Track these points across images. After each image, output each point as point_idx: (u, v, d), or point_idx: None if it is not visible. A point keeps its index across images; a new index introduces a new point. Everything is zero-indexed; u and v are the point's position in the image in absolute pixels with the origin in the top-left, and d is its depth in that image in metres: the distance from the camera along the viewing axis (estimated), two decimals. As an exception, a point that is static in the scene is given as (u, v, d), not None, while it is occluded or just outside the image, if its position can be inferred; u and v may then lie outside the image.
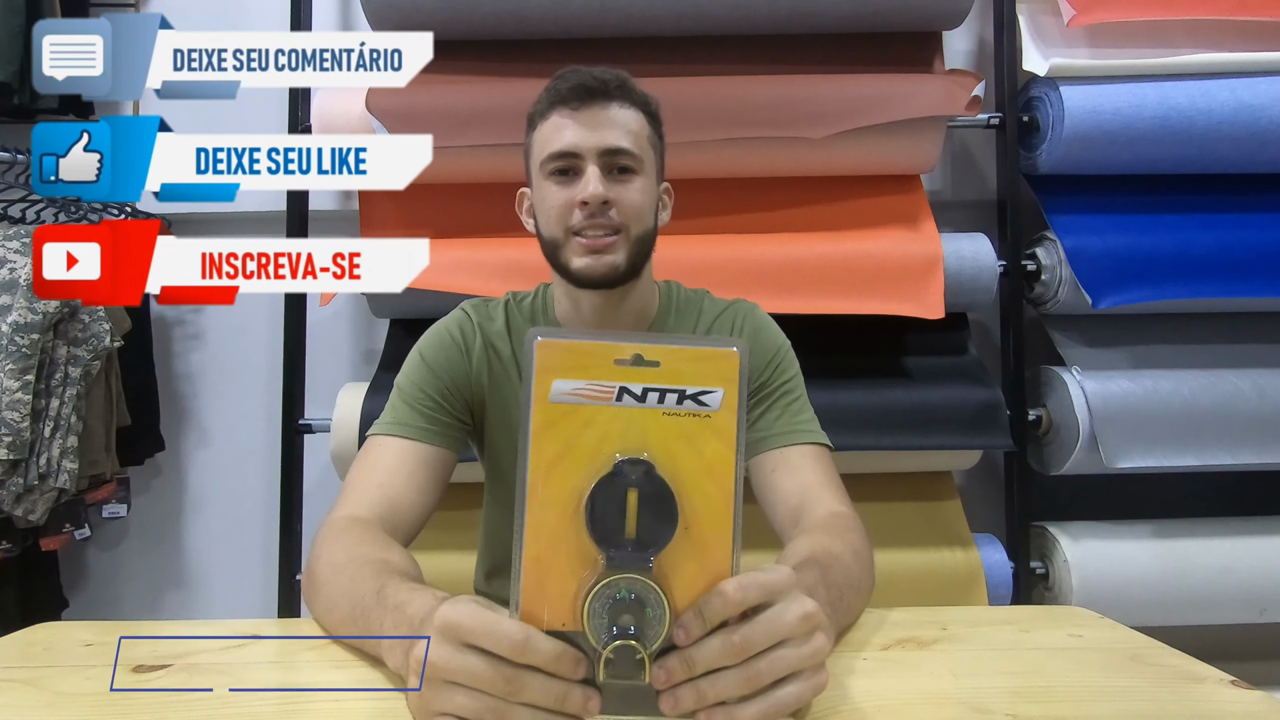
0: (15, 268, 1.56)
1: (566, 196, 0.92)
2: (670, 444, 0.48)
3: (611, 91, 0.93)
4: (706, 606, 0.48)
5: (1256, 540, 1.74)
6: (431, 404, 0.95)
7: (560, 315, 1.03)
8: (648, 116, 0.97)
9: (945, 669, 0.69)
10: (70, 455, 1.59)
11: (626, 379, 0.48)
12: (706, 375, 0.48)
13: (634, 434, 0.48)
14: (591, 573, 0.47)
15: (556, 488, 0.48)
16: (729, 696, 0.48)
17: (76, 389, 1.61)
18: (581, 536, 0.47)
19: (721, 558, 0.48)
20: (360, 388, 1.67)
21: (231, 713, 0.60)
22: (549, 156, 0.93)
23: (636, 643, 0.47)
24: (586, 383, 0.48)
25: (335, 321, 1.96)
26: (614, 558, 0.47)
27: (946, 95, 1.65)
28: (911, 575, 1.67)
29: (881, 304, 1.62)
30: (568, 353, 0.48)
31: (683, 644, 0.48)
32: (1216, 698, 0.63)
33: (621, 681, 0.47)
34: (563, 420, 0.48)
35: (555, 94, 0.94)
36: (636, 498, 0.47)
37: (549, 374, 0.48)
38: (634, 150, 0.93)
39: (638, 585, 0.47)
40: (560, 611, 0.48)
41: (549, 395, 0.48)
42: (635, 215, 0.93)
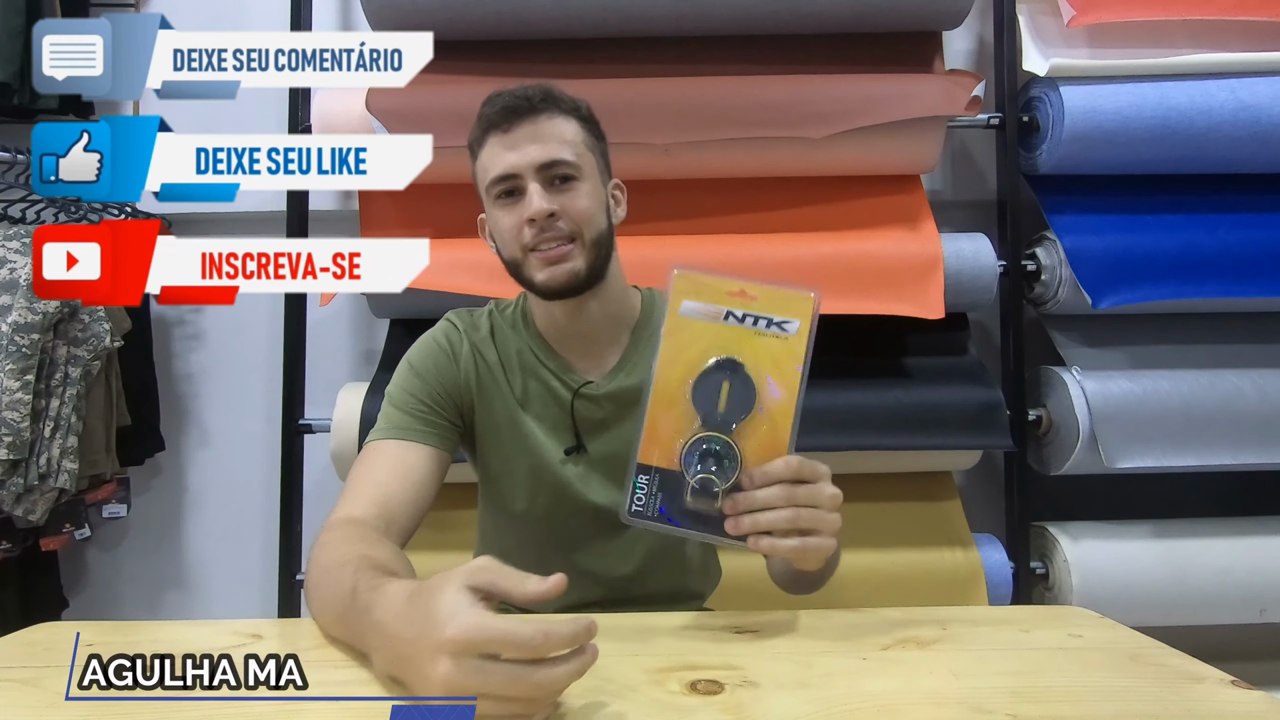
0: (15, 268, 1.56)
1: (515, 218, 0.96)
2: (757, 353, 0.71)
3: (537, 106, 0.96)
4: (771, 466, 0.70)
5: (1256, 540, 1.74)
6: (423, 407, 0.99)
7: (539, 323, 1.06)
8: (580, 121, 0.99)
9: (945, 669, 0.69)
10: (70, 455, 1.59)
11: (733, 305, 0.71)
12: (789, 309, 0.72)
13: (732, 343, 0.71)
14: (691, 431, 0.70)
15: (677, 371, 0.71)
16: (774, 528, 0.70)
17: (76, 389, 1.61)
18: (688, 406, 0.70)
19: (783, 437, 0.71)
20: (360, 388, 1.67)
21: (231, 713, 0.60)
22: (491, 182, 0.98)
23: (715, 479, 0.69)
24: (705, 305, 0.71)
25: (335, 321, 1.96)
26: (707, 422, 0.70)
27: (946, 95, 1.65)
28: (911, 575, 1.67)
29: (881, 304, 1.62)
30: (695, 282, 0.71)
31: (748, 488, 0.70)
32: (1216, 698, 0.63)
33: (700, 507, 0.70)
34: (686, 328, 0.71)
35: (486, 120, 0.98)
36: (728, 385, 0.70)
37: (680, 295, 0.71)
38: (570, 159, 0.96)
39: (721, 442, 0.70)
40: (666, 454, 0.71)
41: (679, 310, 0.71)
42: (584, 220, 0.96)
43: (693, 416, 0.70)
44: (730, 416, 0.70)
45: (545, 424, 1.03)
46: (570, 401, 1.02)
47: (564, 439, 1.02)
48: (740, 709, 0.61)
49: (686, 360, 0.71)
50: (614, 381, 1.02)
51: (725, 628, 0.81)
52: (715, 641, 0.77)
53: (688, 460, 0.70)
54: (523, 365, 1.04)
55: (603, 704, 0.62)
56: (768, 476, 0.70)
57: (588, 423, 1.02)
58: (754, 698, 0.63)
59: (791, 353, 0.71)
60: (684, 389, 0.70)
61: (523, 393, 1.03)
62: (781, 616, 0.86)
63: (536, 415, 1.03)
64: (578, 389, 1.02)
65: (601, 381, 1.02)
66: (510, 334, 1.06)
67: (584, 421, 1.02)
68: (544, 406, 1.03)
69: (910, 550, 1.69)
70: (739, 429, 0.70)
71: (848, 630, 0.80)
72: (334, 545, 0.81)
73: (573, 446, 1.02)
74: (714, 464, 0.70)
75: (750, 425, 0.70)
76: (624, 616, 0.90)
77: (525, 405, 1.03)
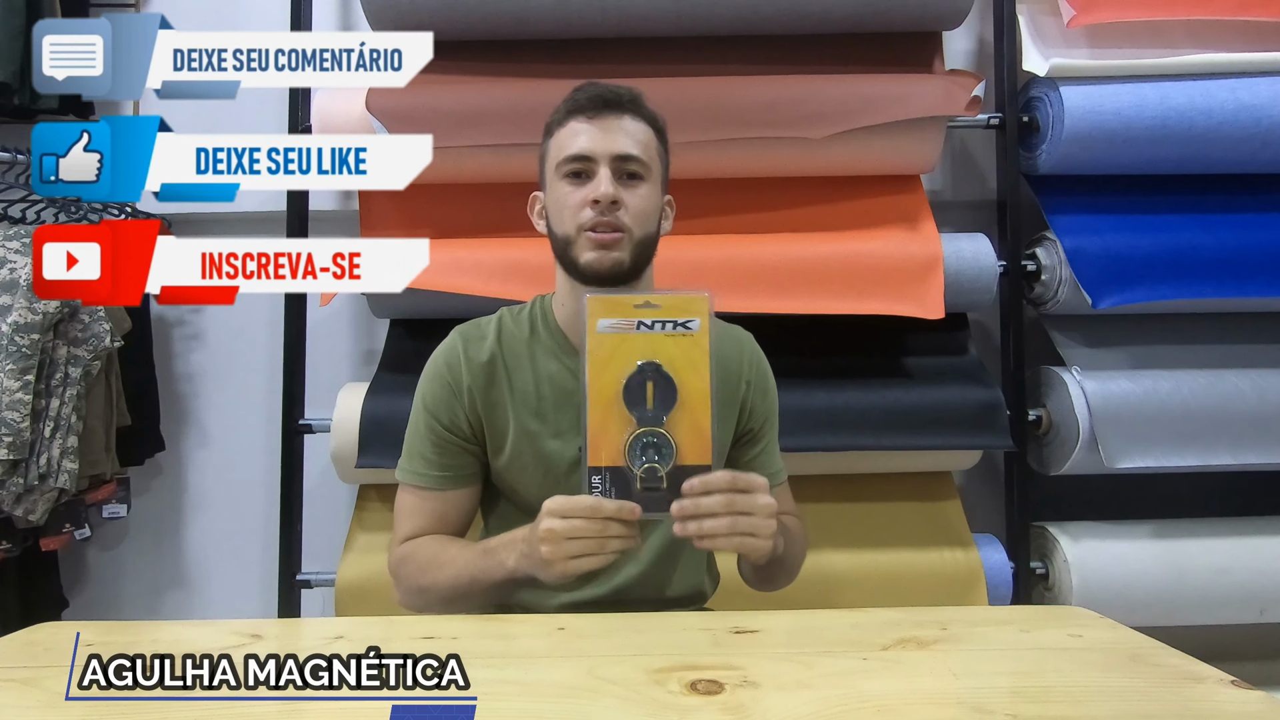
0: (15, 268, 1.56)
1: (580, 196, 0.99)
2: (670, 353, 0.82)
3: (625, 105, 1.02)
4: (711, 477, 0.82)
5: (1256, 540, 1.73)
6: (443, 448, 1.06)
7: (562, 319, 1.08)
8: (656, 132, 1.06)
9: (945, 669, 0.69)
10: (70, 455, 1.59)
11: (641, 316, 0.82)
12: (689, 310, 0.82)
13: (648, 348, 0.82)
14: (629, 429, 0.81)
15: (605, 382, 0.82)
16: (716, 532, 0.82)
17: (76, 389, 1.61)
18: (621, 409, 0.81)
19: (704, 421, 0.82)
20: (360, 388, 1.67)
21: (231, 713, 0.60)
22: (565, 159, 1.01)
23: (658, 465, 0.82)
24: (618, 319, 0.82)
25: (335, 321, 1.96)
26: (641, 419, 0.81)
27: (946, 95, 1.65)
28: (911, 575, 1.67)
29: (881, 304, 1.62)
30: (605, 302, 0.83)
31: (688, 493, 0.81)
32: (1216, 698, 0.63)
33: (648, 491, 0.82)
34: (606, 342, 0.82)
35: (573, 103, 1.02)
36: (652, 385, 0.81)
37: (595, 316, 0.82)
38: (643, 158, 1.01)
39: (657, 434, 0.82)
40: (612, 453, 0.82)
41: (597, 329, 0.82)
42: (640, 218, 1.01)
43: (627, 417, 0.81)
44: (659, 411, 0.81)
45: (560, 419, 1.05)
46: None
47: (578, 436, 1.03)
48: (740, 709, 0.61)
49: (612, 369, 0.82)
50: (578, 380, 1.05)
51: (725, 628, 0.81)
52: (715, 641, 0.77)
53: (631, 455, 0.81)
54: (536, 364, 1.06)
55: (603, 704, 0.62)
56: (708, 485, 0.82)
57: None
58: (754, 698, 0.63)
59: (698, 346, 0.82)
60: (615, 394, 0.81)
61: (535, 391, 1.05)
62: (781, 616, 0.86)
63: (551, 412, 1.05)
64: None
65: None
66: (523, 335, 1.08)
67: None
68: (560, 404, 1.05)
69: (910, 550, 1.69)
70: (668, 420, 0.81)
71: (848, 630, 0.80)
72: (423, 545, 1.03)
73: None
74: (655, 454, 0.81)
75: (676, 415, 0.82)
76: (624, 617, 0.90)
77: (539, 402, 1.05)
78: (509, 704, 0.63)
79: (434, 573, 1.00)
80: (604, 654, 0.64)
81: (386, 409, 1.60)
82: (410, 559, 1.03)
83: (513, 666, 0.70)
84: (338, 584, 1.65)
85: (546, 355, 1.07)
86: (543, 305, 1.11)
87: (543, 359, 1.07)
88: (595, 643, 0.78)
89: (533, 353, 1.07)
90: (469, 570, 0.97)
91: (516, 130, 1.61)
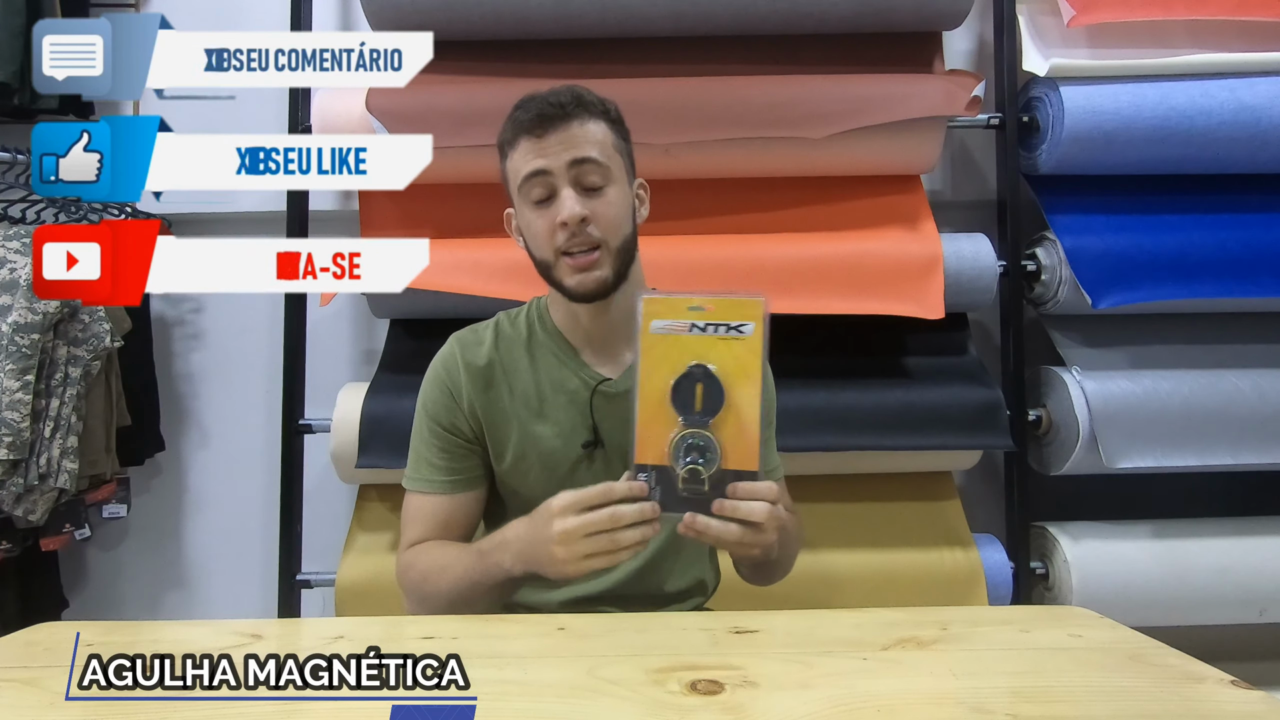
0: (15, 268, 1.56)
1: (548, 221, 0.99)
2: (721, 356, 0.82)
3: (570, 112, 0.99)
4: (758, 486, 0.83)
5: (1256, 540, 1.73)
6: (447, 454, 1.06)
7: (559, 322, 1.09)
8: (609, 123, 1.03)
9: (945, 669, 0.69)
10: (70, 455, 1.59)
11: (694, 318, 0.82)
12: (743, 314, 0.82)
13: (699, 350, 0.82)
14: (676, 430, 0.82)
15: (656, 382, 0.82)
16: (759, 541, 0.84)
17: (76, 389, 1.61)
18: (670, 409, 0.82)
19: (750, 424, 0.82)
20: (360, 388, 1.67)
21: (231, 713, 0.60)
22: (523, 182, 1.00)
23: (701, 468, 0.82)
24: (672, 321, 0.82)
25: (335, 321, 1.96)
26: (688, 421, 0.82)
27: (946, 95, 1.65)
28: (911, 575, 1.67)
29: (881, 304, 1.62)
30: (660, 303, 0.83)
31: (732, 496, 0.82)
32: (1216, 698, 0.63)
33: (690, 494, 0.82)
34: (659, 343, 0.82)
35: (519, 124, 1.01)
36: (701, 387, 0.81)
37: (649, 317, 0.82)
38: (600, 159, 0.99)
39: (702, 436, 0.82)
40: (658, 453, 0.83)
41: (650, 329, 0.82)
42: (612, 228, 1.00)
43: (675, 418, 0.82)
44: (706, 413, 0.82)
45: (561, 419, 1.05)
46: (589, 398, 1.04)
47: (580, 434, 1.05)
48: (740, 709, 0.61)
49: (664, 370, 0.82)
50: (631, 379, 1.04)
51: (725, 628, 0.81)
52: (715, 641, 0.77)
53: (676, 454, 0.82)
54: (535, 365, 1.07)
55: (603, 704, 0.62)
56: (752, 491, 0.83)
57: (605, 418, 1.05)
58: (754, 698, 0.63)
59: (751, 350, 0.82)
60: (665, 394, 0.82)
61: (535, 391, 1.06)
62: (781, 616, 0.86)
63: (552, 411, 1.05)
64: (596, 385, 1.05)
65: (620, 379, 1.06)
66: (521, 338, 1.09)
67: (601, 417, 1.05)
68: (561, 402, 1.05)
69: (910, 550, 1.69)
70: (714, 423, 0.82)
71: (848, 630, 0.80)
72: (426, 551, 1.03)
73: (590, 441, 1.04)
74: (699, 456, 0.82)
75: (723, 418, 0.82)
76: (624, 617, 0.90)
77: (540, 403, 1.06)
78: (509, 704, 0.63)
79: (436, 579, 1.00)
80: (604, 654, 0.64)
81: (386, 409, 1.60)
82: (413, 567, 1.03)
83: (513, 666, 0.70)
84: (338, 584, 1.65)
85: (545, 356, 1.07)
86: (539, 307, 1.11)
87: (542, 360, 1.07)
88: (595, 643, 0.78)
89: (531, 354, 1.08)
90: (468, 575, 0.97)
91: (516, 130, 1.60)
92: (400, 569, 1.05)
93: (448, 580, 0.98)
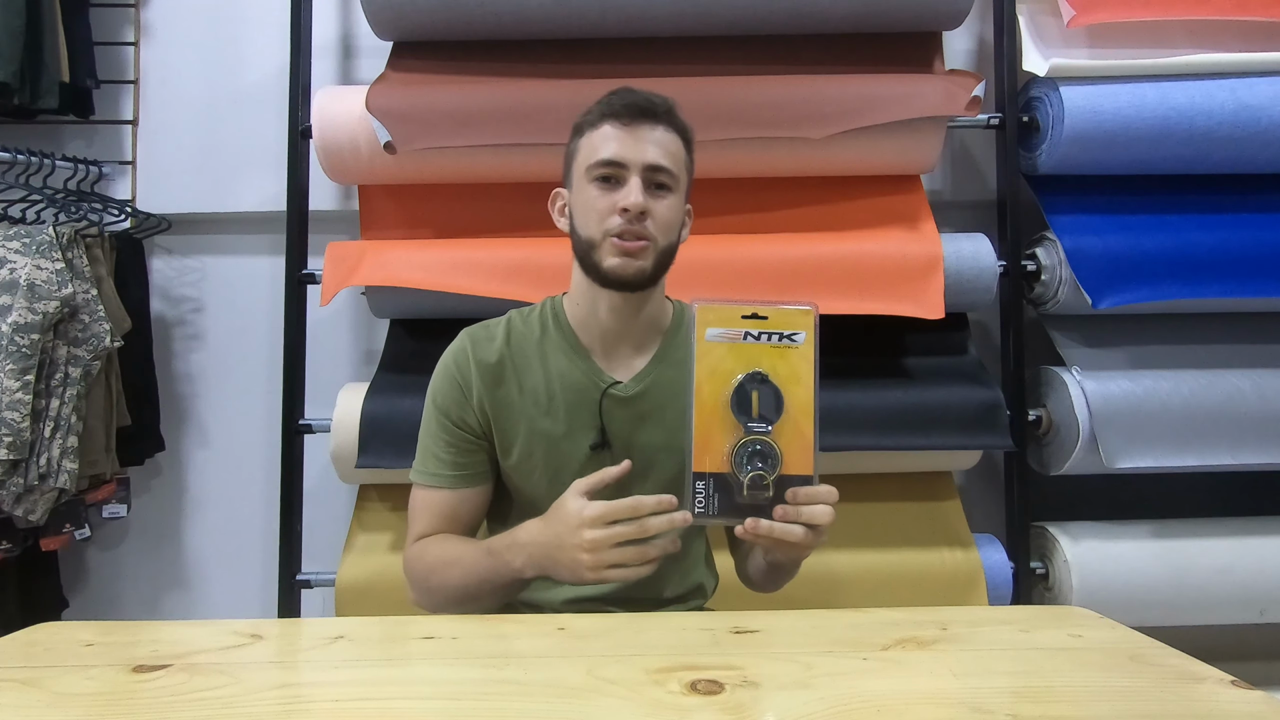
0: (15, 268, 1.56)
1: (609, 202, 1.00)
2: (775, 364, 0.85)
3: (660, 115, 1.02)
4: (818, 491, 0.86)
5: (1256, 540, 1.73)
6: (455, 448, 1.07)
7: (576, 319, 1.09)
8: (685, 144, 1.07)
9: (945, 669, 0.69)
10: (70, 455, 1.59)
11: (748, 326, 0.84)
12: (795, 323, 0.85)
13: (754, 358, 0.84)
14: (735, 437, 0.83)
15: (711, 390, 0.83)
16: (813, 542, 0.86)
17: (76, 389, 1.62)
18: (728, 416, 0.83)
19: (808, 430, 0.85)
20: (360, 388, 1.67)
21: (231, 713, 0.60)
22: (596, 163, 1.01)
23: (765, 473, 0.83)
24: (726, 329, 0.84)
25: (335, 321, 1.96)
26: (748, 427, 0.83)
27: (946, 95, 1.65)
28: (911, 575, 1.67)
29: (881, 304, 1.62)
30: (714, 312, 0.84)
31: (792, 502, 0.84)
32: (1216, 698, 0.63)
33: (752, 500, 0.83)
34: (713, 351, 0.84)
35: (609, 107, 1.02)
36: (758, 394, 0.83)
37: (704, 325, 0.84)
38: (673, 169, 1.02)
39: (763, 442, 0.83)
40: (716, 460, 0.83)
41: (705, 337, 0.84)
42: (665, 229, 1.02)
43: (733, 425, 0.83)
44: (765, 420, 0.83)
45: (570, 419, 1.06)
46: (599, 400, 1.05)
47: (588, 434, 1.05)
48: (740, 709, 0.61)
49: (719, 378, 0.84)
50: (641, 384, 1.06)
51: (725, 628, 0.81)
52: (715, 641, 0.77)
53: (738, 462, 0.83)
54: (546, 364, 1.08)
55: (603, 704, 0.62)
56: (813, 496, 0.85)
57: (614, 421, 1.05)
58: (754, 698, 0.63)
59: (804, 358, 0.85)
60: (722, 402, 0.83)
61: (545, 389, 1.06)
62: (781, 616, 0.86)
63: (561, 410, 1.06)
64: (606, 388, 1.05)
65: (629, 383, 1.06)
66: (534, 336, 1.09)
67: (610, 419, 1.05)
68: (570, 401, 1.06)
69: (910, 550, 1.69)
70: (773, 429, 0.83)
71: (848, 630, 0.80)
72: (434, 544, 1.04)
73: (598, 442, 1.05)
74: (760, 462, 0.83)
75: (781, 425, 0.83)
76: (624, 617, 0.90)
77: (550, 401, 1.06)
78: (509, 704, 0.63)
79: (443, 573, 1.01)
80: (604, 654, 0.64)
81: (386, 409, 1.60)
82: (421, 558, 1.04)
83: (513, 666, 0.70)
84: (338, 584, 1.65)
85: (557, 354, 1.08)
86: (554, 305, 1.12)
87: (553, 358, 1.08)
88: (595, 643, 0.78)
89: (543, 352, 1.08)
90: (476, 571, 0.98)
91: (516, 130, 1.61)
92: (408, 560, 1.06)
93: (455, 575, 1.00)
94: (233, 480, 1.96)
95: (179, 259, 1.98)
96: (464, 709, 0.62)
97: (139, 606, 1.95)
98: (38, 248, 1.59)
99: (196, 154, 1.93)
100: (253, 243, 1.96)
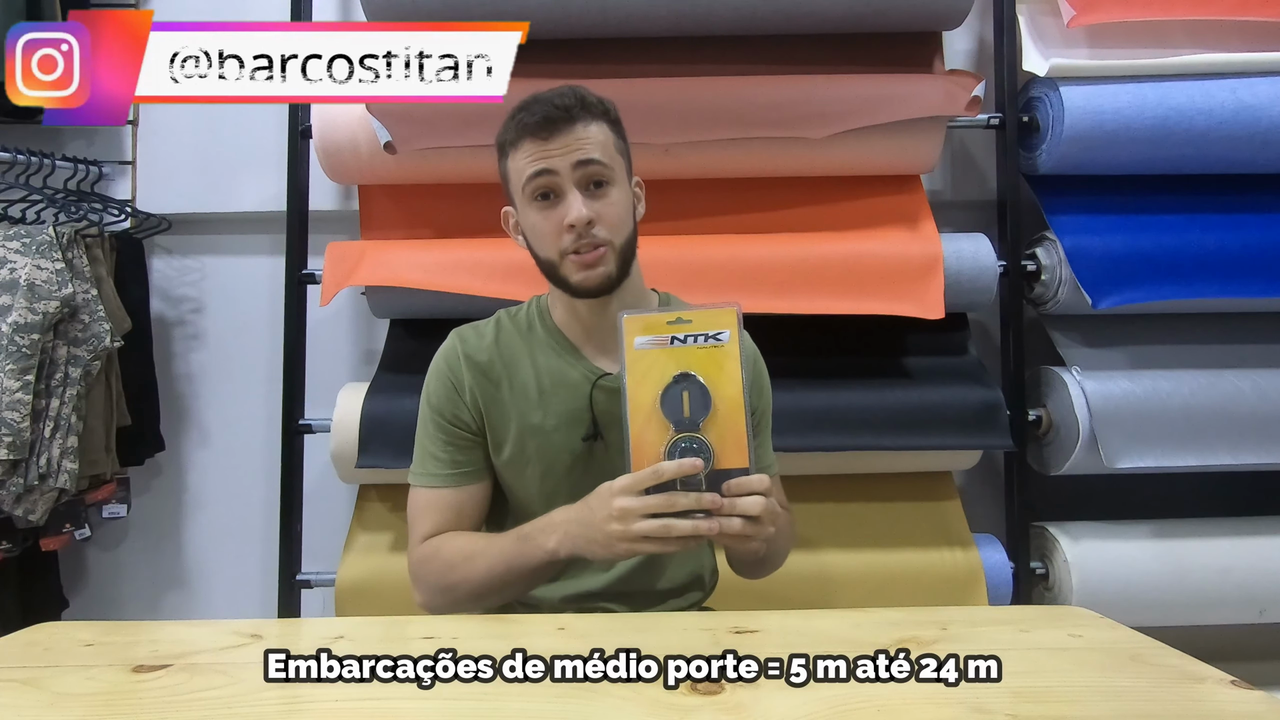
0: (15, 268, 1.56)
1: (554, 222, 1.00)
2: (703, 364, 0.86)
3: (574, 114, 1.00)
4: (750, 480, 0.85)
5: (1256, 540, 1.73)
6: (453, 447, 1.07)
7: (558, 320, 1.10)
8: (610, 124, 1.05)
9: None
10: (70, 455, 1.59)
11: (674, 331, 0.87)
12: (718, 323, 0.87)
13: (683, 360, 0.87)
14: (668, 436, 0.86)
15: (644, 394, 0.87)
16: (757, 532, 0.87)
17: (76, 389, 1.61)
18: (660, 417, 0.86)
19: (739, 425, 0.86)
20: (360, 388, 1.67)
21: (231, 713, 0.60)
22: (528, 180, 1.01)
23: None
24: (653, 336, 0.87)
25: (335, 321, 1.96)
26: (679, 426, 0.86)
27: (946, 95, 1.65)
28: (911, 575, 1.67)
29: (881, 304, 1.62)
30: (640, 321, 0.88)
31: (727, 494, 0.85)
32: (1216, 698, 0.63)
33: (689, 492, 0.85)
34: (644, 357, 0.87)
35: (523, 125, 1.01)
36: (687, 394, 0.86)
37: (632, 334, 0.87)
38: (603, 159, 1.01)
39: (694, 439, 0.85)
40: (653, 459, 0.86)
41: (634, 345, 0.87)
42: (616, 227, 1.02)
43: (666, 425, 0.86)
44: (695, 417, 0.86)
45: (561, 412, 1.06)
46: (589, 392, 1.06)
47: (580, 427, 1.06)
48: (740, 709, 0.61)
49: (650, 382, 0.86)
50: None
51: (725, 628, 0.81)
52: (715, 641, 0.77)
53: (671, 459, 0.85)
54: (535, 360, 1.08)
55: (603, 704, 0.62)
56: (745, 486, 0.85)
57: (605, 413, 1.06)
58: (754, 698, 0.63)
59: (729, 356, 0.86)
60: (653, 405, 0.86)
61: (535, 383, 1.07)
62: (781, 616, 0.86)
63: (552, 404, 1.06)
64: (596, 380, 1.06)
65: (618, 375, 1.05)
66: (522, 334, 1.10)
67: (601, 412, 1.06)
68: (561, 395, 1.07)
69: (910, 550, 1.69)
70: (703, 426, 0.86)
71: (848, 630, 0.80)
72: (449, 541, 1.04)
73: (590, 434, 1.05)
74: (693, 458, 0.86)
75: (711, 421, 0.86)
76: (624, 617, 0.90)
77: (539, 394, 1.07)
78: (509, 704, 0.63)
79: (464, 567, 1.01)
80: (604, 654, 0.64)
81: (386, 409, 1.60)
82: (435, 557, 1.03)
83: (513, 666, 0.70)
84: (338, 584, 1.65)
85: (545, 350, 1.09)
86: (539, 305, 1.13)
87: (541, 354, 1.09)
88: (595, 642, 0.78)
89: (531, 349, 1.09)
90: (504, 559, 0.98)
91: (516, 130, 1.60)
92: (417, 562, 1.05)
93: (479, 567, 0.99)
94: (233, 480, 1.96)
95: (179, 259, 1.98)
96: (464, 709, 0.62)
97: (139, 606, 1.95)
98: (38, 248, 1.59)
99: (196, 154, 1.93)
100: (253, 243, 1.96)
